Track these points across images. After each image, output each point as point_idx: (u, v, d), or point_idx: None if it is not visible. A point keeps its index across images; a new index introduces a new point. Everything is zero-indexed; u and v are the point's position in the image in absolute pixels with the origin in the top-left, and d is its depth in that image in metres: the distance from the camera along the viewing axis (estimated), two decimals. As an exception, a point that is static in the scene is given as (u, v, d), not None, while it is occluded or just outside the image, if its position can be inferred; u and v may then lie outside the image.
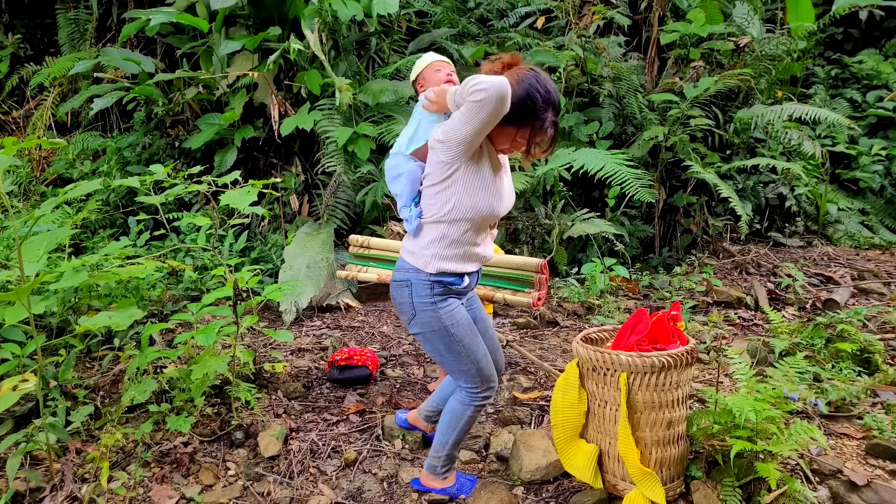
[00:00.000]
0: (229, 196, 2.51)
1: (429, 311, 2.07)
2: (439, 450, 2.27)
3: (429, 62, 2.31)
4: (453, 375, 2.20)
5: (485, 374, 2.15)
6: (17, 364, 2.44)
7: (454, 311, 2.10)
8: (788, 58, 5.54)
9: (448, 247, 2.04)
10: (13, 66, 6.74)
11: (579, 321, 4.23)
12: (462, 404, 2.19)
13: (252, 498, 2.32)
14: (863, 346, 3.08)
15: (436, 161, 1.99)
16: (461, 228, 2.03)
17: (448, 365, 2.16)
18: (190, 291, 4.14)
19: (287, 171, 5.19)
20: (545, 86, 1.94)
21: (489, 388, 2.18)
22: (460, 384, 2.19)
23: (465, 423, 2.21)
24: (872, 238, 6.28)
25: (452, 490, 2.30)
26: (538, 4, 6.37)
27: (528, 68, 1.97)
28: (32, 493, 2.23)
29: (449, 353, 2.11)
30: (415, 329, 2.14)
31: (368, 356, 3.35)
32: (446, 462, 2.29)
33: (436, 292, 2.07)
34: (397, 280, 2.13)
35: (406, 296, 2.09)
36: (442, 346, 2.11)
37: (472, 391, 2.17)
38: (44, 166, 5.95)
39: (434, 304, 2.07)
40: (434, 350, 2.15)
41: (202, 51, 5.30)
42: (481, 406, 2.20)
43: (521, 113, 1.91)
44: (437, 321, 2.07)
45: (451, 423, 2.22)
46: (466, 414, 2.20)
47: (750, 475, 2.06)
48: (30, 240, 2.26)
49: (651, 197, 4.63)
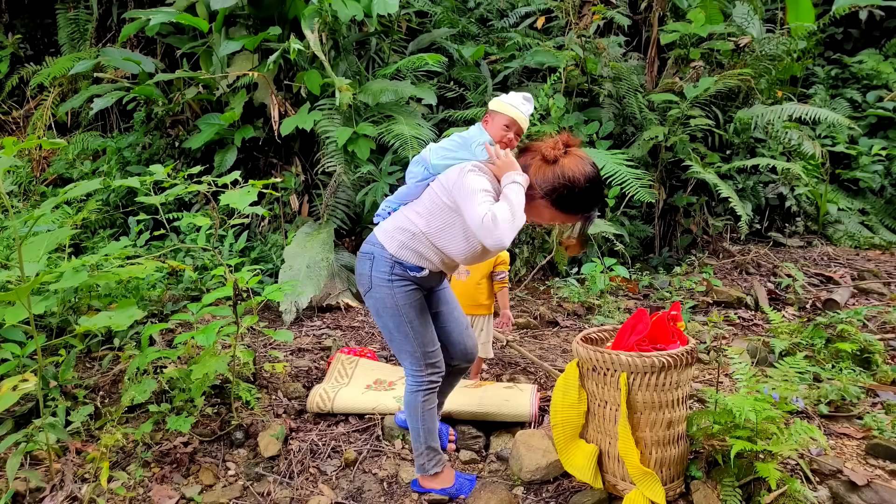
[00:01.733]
0: (229, 196, 2.51)
1: (384, 286, 2.12)
2: (417, 446, 2.29)
3: (514, 115, 2.18)
4: (399, 356, 2.25)
5: (430, 360, 2.20)
6: (17, 364, 2.44)
7: (409, 292, 2.14)
8: (788, 58, 5.54)
9: (416, 245, 2.11)
10: (13, 66, 6.74)
11: (579, 321, 4.23)
12: (410, 393, 2.23)
13: (252, 498, 2.32)
14: (863, 346, 3.08)
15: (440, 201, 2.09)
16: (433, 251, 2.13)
17: (395, 344, 2.22)
18: (190, 291, 4.14)
19: (287, 171, 5.18)
20: (601, 185, 2.09)
21: (433, 374, 2.22)
22: (406, 366, 2.24)
23: (422, 411, 2.23)
24: (872, 238, 6.28)
25: (452, 490, 2.30)
26: (538, 4, 6.37)
27: (591, 161, 2.07)
28: (32, 493, 2.23)
29: (397, 332, 2.17)
30: (369, 302, 2.19)
31: (368, 356, 3.35)
32: (430, 455, 2.29)
33: (394, 272, 2.11)
34: (363, 251, 2.19)
35: (367, 268, 2.14)
36: (391, 324, 2.16)
37: (417, 374, 2.21)
38: (44, 166, 5.95)
39: (391, 282, 2.12)
40: (384, 327, 2.20)
41: (202, 51, 5.30)
42: (428, 391, 2.22)
43: (578, 205, 2.05)
44: (391, 298, 2.12)
45: (412, 415, 2.25)
46: (418, 401, 2.22)
47: (750, 475, 2.06)
48: (30, 240, 2.26)
49: (651, 197, 4.63)
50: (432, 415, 2.27)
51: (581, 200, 2.03)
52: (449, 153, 2.17)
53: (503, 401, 2.76)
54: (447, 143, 2.21)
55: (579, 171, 1.99)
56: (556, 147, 2.05)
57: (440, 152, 2.18)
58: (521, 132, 2.22)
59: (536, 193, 2.05)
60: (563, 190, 2.00)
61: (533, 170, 2.06)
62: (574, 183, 1.98)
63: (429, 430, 2.27)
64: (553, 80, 5.08)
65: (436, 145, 2.23)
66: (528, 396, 2.80)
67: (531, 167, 2.08)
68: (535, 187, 2.04)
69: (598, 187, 2.04)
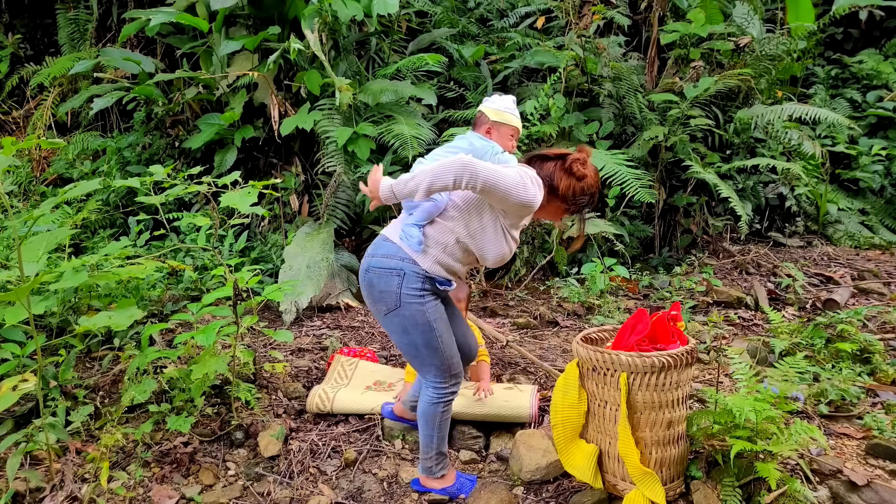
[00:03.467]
0: (229, 196, 2.51)
1: (415, 303, 2.07)
2: (427, 451, 2.29)
3: (516, 124, 2.28)
4: (423, 370, 2.21)
5: (454, 371, 2.19)
6: (17, 364, 2.44)
7: (437, 305, 2.14)
8: (788, 58, 5.54)
9: (448, 255, 2.11)
10: (13, 66, 6.74)
11: (579, 321, 4.23)
12: (431, 404, 2.20)
13: (252, 498, 2.32)
14: (863, 346, 3.08)
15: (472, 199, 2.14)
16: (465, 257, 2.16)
17: (421, 359, 2.16)
18: (190, 291, 4.14)
19: (287, 171, 5.19)
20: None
21: (455, 384, 2.22)
22: (429, 379, 2.20)
23: (439, 420, 2.23)
24: (872, 238, 6.28)
25: (452, 490, 2.30)
26: (538, 4, 6.37)
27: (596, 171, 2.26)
28: (32, 493, 2.23)
29: (426, 348, 2.12)
30: (394, 321, 2.11)
31: (368, 356, 3.35)
32: (439, 460, 2.30)
33: (425, 287, 2.09)
34: (386, 267, 2.08)
35: (395, 285, 2.06)
36: (421, 341, 2.11)
37: (440, 386, 2.19)
38: (44, 166, 5.95)
39: (423, 298, 2.08)
40: (410, 343, 2.13)
41: (202, 51, 5.30)
42: (449, 402, 2.22)
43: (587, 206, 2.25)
44: (422, 315, 2.08)
45: (428, 425, 2.24)
46: (438, 412, 2.21)
47: (750, 475, 2.06)
48: (30, 240, 2.26)
49: (651, 197, 4.63)
50: (448, 422, 2.28)
51: (590, 204, 2.26)
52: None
53: (503, 402, 2.76)
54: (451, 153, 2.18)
55: (596, 183, 2.23)
56: (585, 164, 2.19)
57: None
58: (519, 135, 2.35)
59: (560, 201, 2.20)
60: (584, 199, 2.21)
61: (558, 179, 2.17)
62: (593, 194, 2.23)
63: (442, 438, 2.28)
64: (553, 80, 5.08)
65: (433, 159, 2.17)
66: (528, 397, 2.80)
67: (556, 176, 2.17)
68: (561, 196, 2.18)
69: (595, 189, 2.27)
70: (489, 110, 2.26)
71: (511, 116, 2.26)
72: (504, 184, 1.96)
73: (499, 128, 2.24)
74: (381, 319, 2.16)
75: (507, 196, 1.98)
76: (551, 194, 2.17)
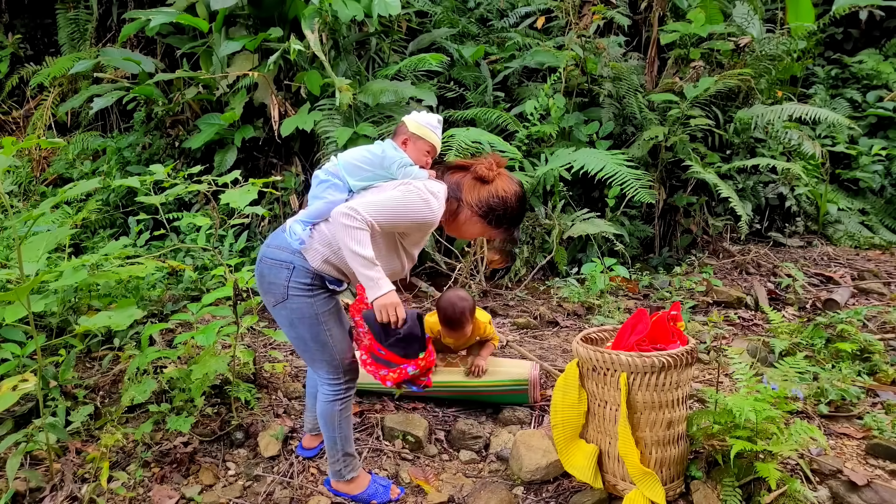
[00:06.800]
0: (229, 196, 2.51)
1: (304, 296, 2.04)
2: (333, 453, 2.25)
3: (435, 142, 2.24)
4: (315, 366, 2.17)
5: (347, 366, 2.15)
6: (17, 364, 2.44)
7: (328, 299, 2.09)
8: (788, 58, 5.54)
9: (338, 258, 2.05)
10: (13, 66, 6.75)
11: (579, 321, 4.23)
12: (327, 402, 2.17)
13: (252, 498, 2.32)
14: (863, 346, 3.08)
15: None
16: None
17: (311, 354, 2.13)
18: (190, 291, 4.14)
19: (287, 171, 5.19)
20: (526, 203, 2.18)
21: (350, 380, 2.18)
22: (322, 376, 2.17)
23: (339, 420, 2.19)
24: (872, 238, 6.28)
25: (363, 497, 2.27)
26: (538, 4, 6.37)
27: (518, 181, 2.19)
28: (32, 493, 2.23)
29: (314, 342, 2.09)
30: (281, 312, 2.08)
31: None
32: (347, 461, 2.27)
33: (314, 282, 2.05)
34: (278, 259, 2.05)
35: (283, 278, 2.03)
36: (308, 335, 2.08)
37: (334, 383, 2.15)
38: (44, 166, 5.95)
39: (311, 291, 2.05)
40: (298, 337, 2.10)
41: (202, 51, 5.30)
42: (346, 399, 2.19)
43: (507, 220, 2.15)
44: (309, 307, 2.05)
45: (328, 425, 2.20)
46: (336, 410, 2.17)
47: (750, 475, 2.06)
48: (30, 239, 2.27)
49: (651, 197, 4.63)
50: (349, 421, 2.23)
51: (510, 217, 2.16)
52: (364, 173, 2.15)
53: (501, 370, 2.73)
54: (360, 161, 2.15)
55: (511, 190, 2.14)
56: (490, 168, 2.14)
57: (357, 172, 2.15)
58: (436, 155, 2.29)
59: (469, 210, 2.14)
60: (496, 208, 2.13)
61: (466, 188, 2.14)
62: (506, 202, 2.12)
63: (345, 437, 2.23)
64: (553, 80, 5.08)
65: (344, 160, 2.17)
66: (528, 365, 2.79)
67: (464, 185, 2.15)
68: (468, 204, 2.14)
69: (524, 205, 2.21)
70: (410, 122, 2.25)
71: (430, 133, 2.22)
72: (389, 211, 1.95)
73: (415, 141, 2.21)
74: (271, 311, 2.12)
75: (397, 221, 1.98)
76: (460, 205, 2.13)
